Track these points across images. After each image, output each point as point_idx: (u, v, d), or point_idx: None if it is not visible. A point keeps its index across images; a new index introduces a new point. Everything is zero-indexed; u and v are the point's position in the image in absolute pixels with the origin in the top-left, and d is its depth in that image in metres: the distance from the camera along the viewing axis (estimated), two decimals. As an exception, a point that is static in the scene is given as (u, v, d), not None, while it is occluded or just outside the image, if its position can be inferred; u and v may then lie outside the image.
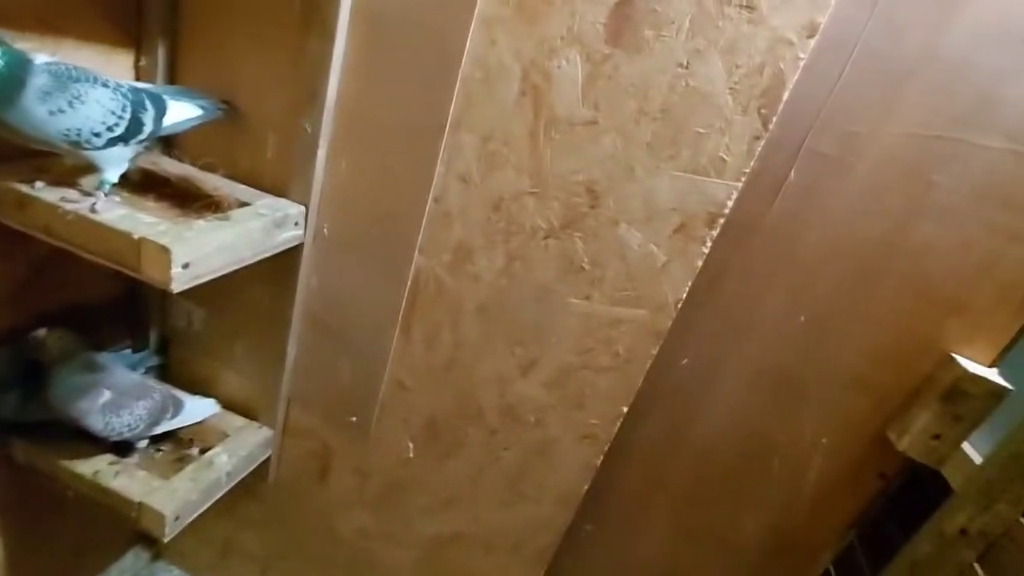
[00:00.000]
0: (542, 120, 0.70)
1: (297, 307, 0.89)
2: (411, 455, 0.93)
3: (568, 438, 0.84)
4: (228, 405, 1.02)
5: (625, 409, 0.79)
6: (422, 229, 0.79)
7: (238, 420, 1.00)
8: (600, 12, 0.65)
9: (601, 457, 0.83)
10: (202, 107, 0.75)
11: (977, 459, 0.78)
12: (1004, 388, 0.63)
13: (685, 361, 0.78)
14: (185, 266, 0.64)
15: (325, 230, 0.84)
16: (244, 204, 0.79)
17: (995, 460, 0.72)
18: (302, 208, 0.82)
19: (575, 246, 0.74)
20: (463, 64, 0.71)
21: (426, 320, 0.84)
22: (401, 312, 0.85)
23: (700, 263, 0.70)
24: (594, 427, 0.82)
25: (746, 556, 0.86)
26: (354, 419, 0.94)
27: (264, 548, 1.14)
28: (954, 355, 0.66)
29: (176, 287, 0.64)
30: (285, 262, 0.85)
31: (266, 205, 0.79)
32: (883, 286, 0.67)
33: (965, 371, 0.63)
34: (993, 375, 0.64)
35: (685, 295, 0.72)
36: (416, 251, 0.81)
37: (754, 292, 0.72)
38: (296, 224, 0.82)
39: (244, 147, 0.84)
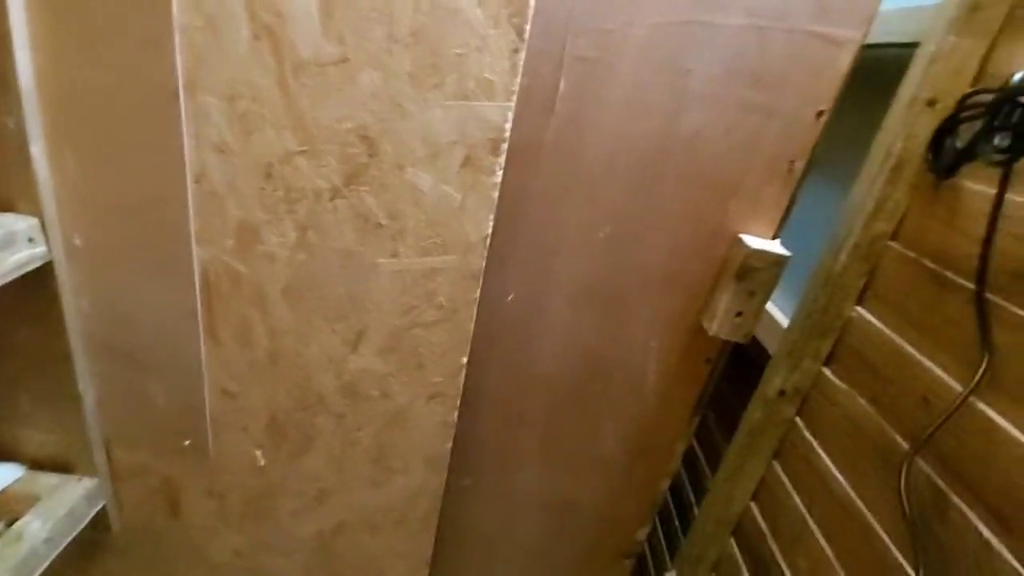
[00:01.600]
0: (287, 65, 0.59)
1: (74, 337, 0.73)
2: (263, 463, 0.83)
3: (418, 402, 0.78)
4: (37, 464, 0.84)
5: (464, 360, 0.74)
6: (191, 216, 0.66)
7: (52, 478, 0.83)
8: (315, -72, 0.54)
9: (456, 412, 0.78)
10: None
11: (785, 324, 0.83)
12: (783, 256, 0.65)
13: (511, 297, 0.74)
14: None
15: (77, 241, 0.69)
16: (-52, 229, 0.61)
17: (796, 322, 0.76)
18: (33, 221, 0.65)
19: (365, 202, 0.66)
20: (175, 12, 0.57)
21: (230, 317, 0.73)
22: (200, 315, 0.72)
23: (496, 194, 0.65)
24: (439, 385, 0.76)
25: (614, 465, 0.87)
26: (187, 443, 0.82)
27: (138, 601, 1.00)
28: (741, 235, 0.67)
29: None
30: (37, 289, 0.68)
31: (-21, 225, 0.62)
32: (667, 182, 0.66)
33: (749, 248, 0.65)
34: (775, 246, 0.66)
35: (490, 230, 0.67)
36: (193, 243, 0.68)
37: (556, 213, 0.69)
38: (31, 241, 0.65)
39: (-61, 159, 0.65)
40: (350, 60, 0.59)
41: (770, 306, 0.90)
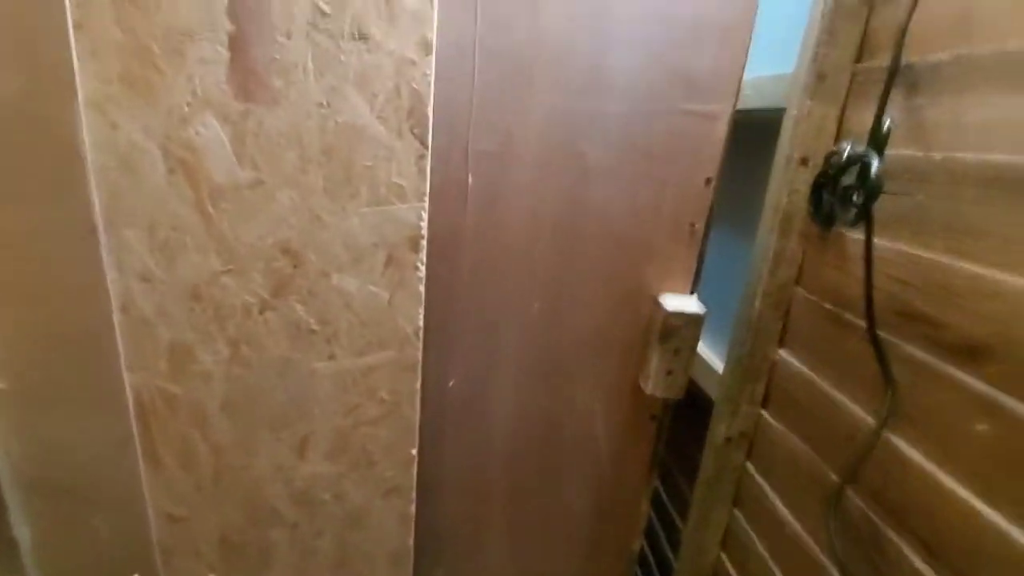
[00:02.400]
0: (204, 193, 0.62)
1: (5, 481, 0.71)
2: (218, 586, 0.79)
3: (374, 500, 0.76)
4: (-25, 623, 0.79)
5: (414, 451, 0.74)
6: (120, 346, 0.66)
7: (-11, 638, 0.78)
8: (219, 71, 0.58)
9: (413, 504, 0.77)
10: None
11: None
12: (699, 314, 0.69)
13: (452, 383, 0.75)
14: None
15: (2, 384, 0.68)
16: None
17: (728, 369, 0.79)
18: (-45, 371, 0.64)
19: (295, 311, 0.67)
20: (88, 156, 0.60)
21: (170, 440, 0.71)
22: (138, 441, 0.71)
23: (422, 288, 0.67)
24: (393, 479, 0.76)
25: (583, 532, 0.86)
26: (137, 575, 0.78)
27: None
28: (659, 297, 0.71)
29: None
30: (-39, 439, 0.67)
31: None
32: (585, 255, 0.70)
33: (667, 309, 0.68)
34: (691, 304, 0.70)
35: (422, 322, 0.69)
36: (124, 371, 0.67)
37: (487, 296, 0.71)
38: (-47, 393, 0.64)
39: None
40: (266, 183, 0.62)
41: (710, 355, 0.94)
